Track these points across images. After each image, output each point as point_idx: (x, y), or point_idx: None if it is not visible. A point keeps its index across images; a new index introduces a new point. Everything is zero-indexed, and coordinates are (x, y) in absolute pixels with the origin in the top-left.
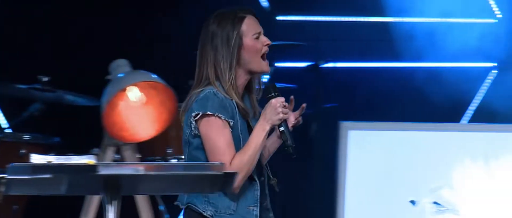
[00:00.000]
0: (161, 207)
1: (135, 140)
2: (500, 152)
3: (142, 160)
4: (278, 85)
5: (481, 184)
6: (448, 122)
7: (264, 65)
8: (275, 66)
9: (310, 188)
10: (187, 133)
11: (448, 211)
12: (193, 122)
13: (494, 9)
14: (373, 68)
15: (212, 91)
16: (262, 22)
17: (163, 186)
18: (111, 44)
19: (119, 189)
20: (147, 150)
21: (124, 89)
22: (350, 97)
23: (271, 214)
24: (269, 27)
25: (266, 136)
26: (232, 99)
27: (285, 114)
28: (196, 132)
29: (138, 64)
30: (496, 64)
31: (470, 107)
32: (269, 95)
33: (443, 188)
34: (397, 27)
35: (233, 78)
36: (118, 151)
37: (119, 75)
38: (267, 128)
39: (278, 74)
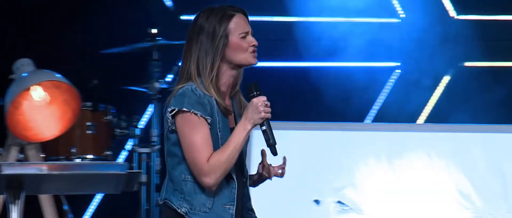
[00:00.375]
0: (65, 207)
1: (39, 140)
2: (403, 151)
3: (46, 159)
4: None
5: (384, 183)
6: (352, 121)
7: (250, 57)
8: (179, 66)
9: None
10: (165, 129)
11: (351, 210)
12: (169, 118)
13: (397, 9)
14: (278, 68)
15: (190, 88)
16: (164, 22)
17: (67, 186)
18: (15, 43)
19: (22, 188)
20: (51, 149)
21: (28, 89)
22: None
23: (255, 215)
24: (173, 26)
25: (247, 135)
26: (211, 96)
27: (267, 113)
28: (173, 128)
29: (42, 63)
30: (399, 63)
31: (373, 107)
32: (251, 94)
33: (347, 187)
34: (302, 27)
35: (215, 75)
36: (22, 151)
37: (22, 74)
38: (249, 127)
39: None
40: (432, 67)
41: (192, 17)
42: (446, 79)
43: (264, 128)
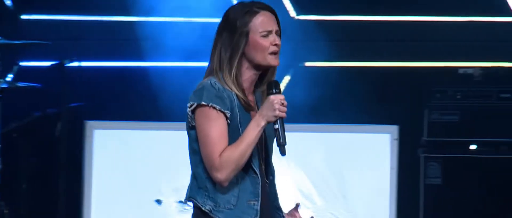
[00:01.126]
0: None
1: None
2: None
3: None
4: (21, 84)
5: None
6: None
7: (270, 58)
8: (20, 66)
9: (56, 188)
10: (186, 126)
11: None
12: (189, 113)
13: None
14: (119, 67)
15: (209, 82)
16: (4, 21)
17: None
18: None
19: None
20: None
21: None
22: (96, 96)
23: (283, 214)
24: (13, 26)
25: (261, 131)
26: (232, 91)
27: (283, 111)
28: (193, 124)
29: None
30: None
31: None
32: (269, 92)
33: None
34: (141, 26)
35: (235, 71)
36: None
37: None
38: (262, 123)
39: (22, 74)
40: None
41: (33, 17)
42: (286, 79)
43: (276, 126)
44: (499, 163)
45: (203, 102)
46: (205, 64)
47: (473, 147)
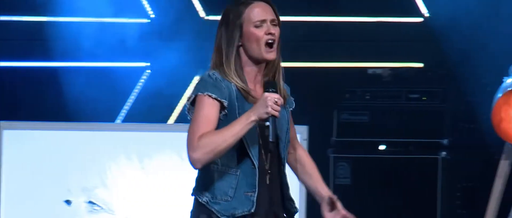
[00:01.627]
0: None
1: None
2: (154, 151)
3: None
4: None
5: (135, 183)
6: (103, 121)
7: (264, 51)
8: None
9: None
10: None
11: (103, 210)
12: (188, 105)
13: (147, 9)
14: (30, 67)
15: (207, 73)
16: None
17: None
18: None
19: None
20: None
21: None
22: (5, 96)
23: (295, 205)
24: None
25: (249, 126)
26: (231, 82)
27: (275, 110)
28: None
29: None
30: (149, 64)
31: (124, 107)
32: (265, 90)
33: (98, 187)
34: (54, 26)
35: (234, 64)
36: None
37: None
38: (252, 118)
39: None
40: (182, 68)
41: None
42: (196, 79)
43: (267, 123)
44: (408, 163)
45: (199, 93)
46: (117, 64)
47: (382, 147)
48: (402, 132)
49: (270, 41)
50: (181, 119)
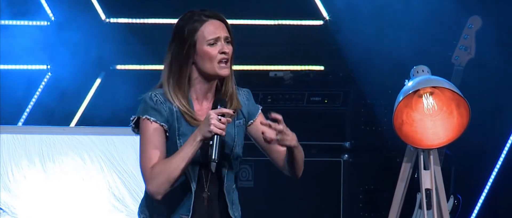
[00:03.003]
0: None
1: None
2: (56, 154)
3: None
4: None
5: (38, 186)
6: (4, 124)
7: (218, 68)
8: None
9: None
10: None
11: (5, 213)
12: (132, 125)
13: (47, 11)
14: None
15: (149, 94)
16: None
17: None
18: None
19: None
20: None
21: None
22: None
23: None
24: None
25: (196, 146)
26: (173, 104)
27: (218, 128)
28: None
29: None
30: (49, 66)
31: (26, 110)
32: (213, 108)
33: (1, 191)
34: None
35: (183, 82)
36: None
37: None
38: (198, 138)
39: None
40: (84, 70)
41: None
42: (98, 81)
43: (211, 142)
44: (311, 166)
45: (139, 115)
46: (17, 66)
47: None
48: (304, 134)
49: (223, 60)
50: (82, 122)
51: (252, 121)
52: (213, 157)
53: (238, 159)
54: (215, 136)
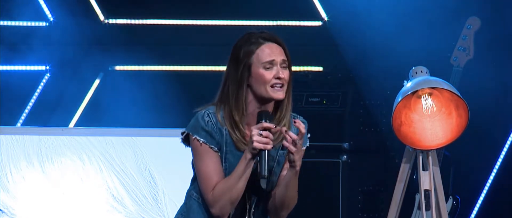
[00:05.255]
0: None
1: None
2: (55, 155)
3: None
4: None
5: (37, 187)
6: (3, 125)
7: (272, 91)
8: None
9: None
10: None
11: (4, 214)
12: (181, 138)
13: (46, 12)
14: None
15: (203, 113)
16: None
17: None
18: None
19: None
20: None
21: None
22: None
23: None
24: None
25: (249, 164)
26: (223, 126)
27: (262, 143)
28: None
29: None
30: (48, 67)
31: (24, 111)
32: (257, 121)
33: (0, 191)
34: None
35: (237, 103)
36: None
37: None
38: (248, 156)
39: None
40: (83, 71)
41: None
42: (96, 82)
43: (258, 158)
44: (310, 167)
45: (190, 133)
46: (16, 67)
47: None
48: None
49: (278, 85)
50: (81, 123)
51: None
52: (262, 173)
53: (270, 193)
54: (262, 152)
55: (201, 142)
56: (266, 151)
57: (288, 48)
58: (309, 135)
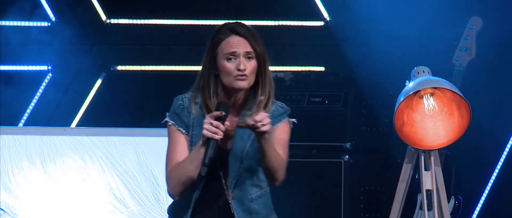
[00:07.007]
0: None
1: None
2: (57, 155)
3: None
4: None
5: (39, 187)
6: (5, 125)
7: (234, 80)
8: None
9: None
10: None
11: (6, 214)
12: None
13: (48, 12)
14: None
15: (181, 97)
16: None
17: None
18: None
19: None
20: None
21: None
22: None
23: None
24: None
25: (201, 149)
26: (193, 110)
27: (210, 132)
28: None
29: None
30: (50, 67)
31: (26, 111)
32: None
33: (1, 191)
34: None
35: (209, 92)
36: None
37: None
38: (200, 142)
39: None
40: (85, 71)
41: None
42: (98, 82)
43: (206, 146)
44: (312, 167)
45: (166, 119)
46: (18, 67)
47: None
48: (305, 135)
49: (239, 77)
50: (83, 123)
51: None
52: (204, 161)
53: (253, 171)
54: (210, 141)
55: (170, 123)
56: (214, 141)
57: (290, 48)
58: (290, 120)
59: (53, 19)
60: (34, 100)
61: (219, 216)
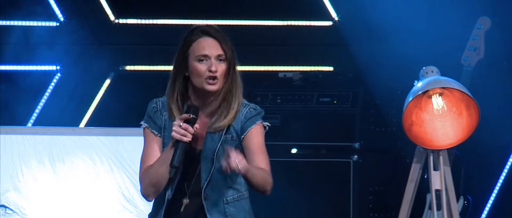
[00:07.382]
0: None
1: None
2: (65, 155)
3: None
4: None
5: (48, 186)
6: (14, 125)
7: (205, 84)
8: None
9: None
10: None
11: (16, 214)
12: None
13: (57, 12)
14: None
15: (152, 101)
16: None
17: None
18: None
19: None
20: None
21: None
22: None
23: None
24: None
25: (170, 151)
26: (163, 113)
27: (179, 134)
28: None
29: None
30: (59, 67)
31: (35, 111)
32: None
33: (10, 191)
34: None
35: (178, 93)
36: None
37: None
38: (170, 144)
39: None
40: (93, 71)
41: None
42: (107, 82)
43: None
44: (320, 167)
45: (141, 122)
46: (27, 67)
47: (294, 150)
48: (313, 135)
49: (209, 79)
50: (92, 122)
51: (243, 136)
52: (172, 163)
53: (225, 172)
54: (179, 143)
55: (144, 126)
56: (183, 143)
57: (298, 48)
58: (262, 122)
59: (62, 19)
60: (43, 100)
61: (193, 217)
